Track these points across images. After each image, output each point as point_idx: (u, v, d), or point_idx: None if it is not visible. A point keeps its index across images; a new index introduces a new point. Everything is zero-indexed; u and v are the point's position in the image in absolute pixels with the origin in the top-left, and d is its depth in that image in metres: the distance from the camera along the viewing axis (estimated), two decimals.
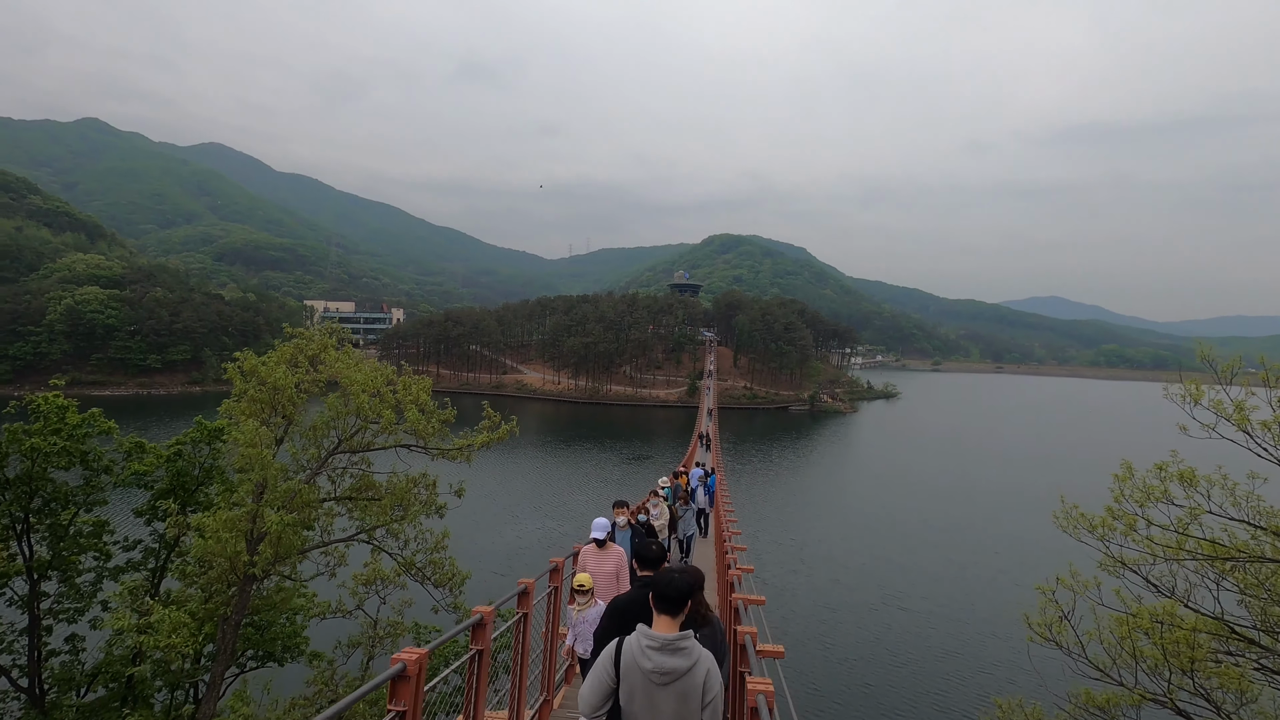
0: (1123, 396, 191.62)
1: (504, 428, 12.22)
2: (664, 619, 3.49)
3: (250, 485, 10.89)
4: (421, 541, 12.35)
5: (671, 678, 3.30)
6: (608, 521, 7.38)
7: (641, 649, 3.36)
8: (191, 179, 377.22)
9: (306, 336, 12.30)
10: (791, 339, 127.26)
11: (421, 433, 11.46)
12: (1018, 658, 23.31)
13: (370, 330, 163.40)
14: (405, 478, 11.99)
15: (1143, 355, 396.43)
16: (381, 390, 11.63)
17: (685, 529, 14.23)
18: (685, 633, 3.44)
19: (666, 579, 3.54)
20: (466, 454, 11.89)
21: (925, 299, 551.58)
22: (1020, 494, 52.94)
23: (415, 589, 13.19)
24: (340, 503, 12.06)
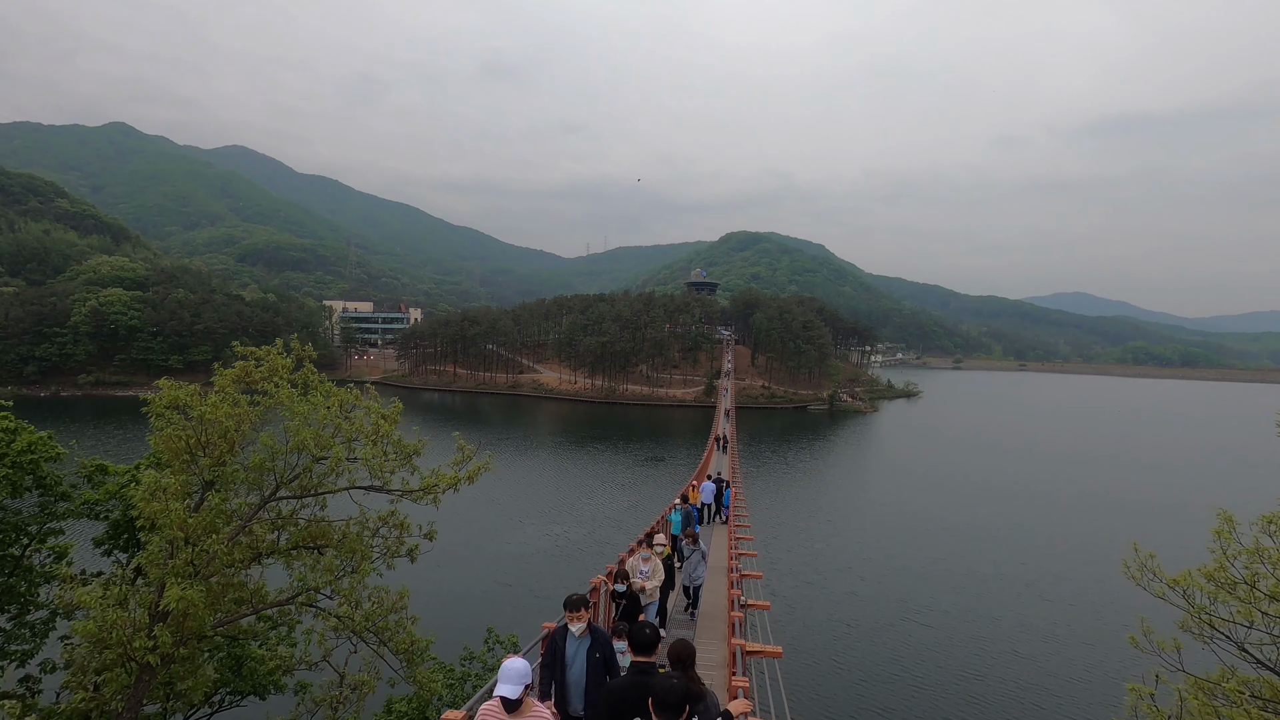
0: (1154, 396, 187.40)
1: (476, 464, 10.22)
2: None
3: (160, 545, 9.04)
4: (378, 601, 10.40)
5: None
6: (525, 668, 4.31)
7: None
8: (215, 181, 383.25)
9: (258, 357, 10.39)
10: (810, 337, 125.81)
11: (376, 471, 9.75)
12: (1046, 681, 22.34)
13: (388, 330, 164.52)
14: (360, 524, 10.26)
15: (1171, 353, 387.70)
16: (335, 422, 9.88)
17: (692, 575, 11.90)
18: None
19: (666, 687, 3.61)
20: (433, 496, 10.06)
21: (946, 296, 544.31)
22: (1049, 499, 51.56)
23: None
24: (282, 557, 10.11)
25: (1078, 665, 23.42)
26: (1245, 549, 6.96)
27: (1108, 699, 21.00)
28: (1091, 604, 29.40)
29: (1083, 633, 26.28)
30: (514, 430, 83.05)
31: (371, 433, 9.83)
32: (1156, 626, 7.65)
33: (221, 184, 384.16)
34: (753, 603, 11.86)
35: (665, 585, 10.35)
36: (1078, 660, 23.84)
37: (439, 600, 26.91)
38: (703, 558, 11.78)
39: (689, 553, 11.85)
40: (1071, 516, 45.68)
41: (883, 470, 64.71)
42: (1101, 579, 32.43)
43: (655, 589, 9.52)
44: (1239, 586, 6.96)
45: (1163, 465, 69.94)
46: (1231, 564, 6.98)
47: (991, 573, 33.40)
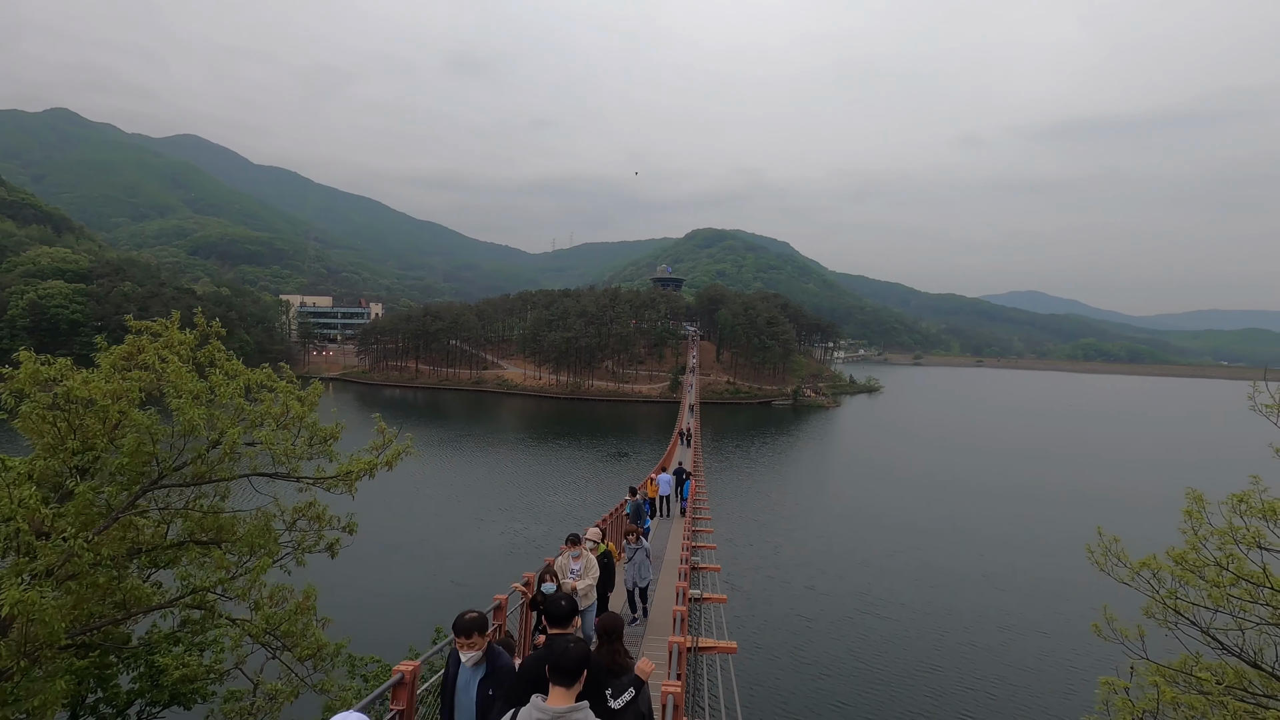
0: (1103, 391, 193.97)
1: (395, 448, 9.16)
2: (559, 691, 3.27)
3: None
4: (282, 601, 9.19)
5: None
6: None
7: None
8: (165, 171, 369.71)
9: (153, 330, 9.17)
10: (774, 333, 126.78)
11: (280, 457, 8.51)
12: (1001, 670, 22.58)
13: (348, 326, 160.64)
14: (265, 515, 9.04)
15: (1119, 349, 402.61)
16: (236, 402, 8.69)
17: (637, 574, 10.63)
18: (578, 704, 3.24)
19: (560, 649, 3.34)
20: (347, 483, 8.93)
21: (907, 293, 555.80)
22: (1005, 491, 52.68)
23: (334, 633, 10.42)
24: (168, 554, 8.88)
25: (1032, 654, 23.76)
26: (1216, 529, 6.68)
27: (1062, 687, 21.32)
28: (1046, 594, 29.94)
29: (1038, 622, 26.71)
30: (476, 427, 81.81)
31: (279, 415, 8.78)
32: (1117, 613, 7.49)
33: (173, 174, 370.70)
34: (708, 596, 11.44)
35: (603, 585, 9.40)
36: (1032, 650, 24.19)
37: (391, 601, 26.13)
38: (648, 556, 10.66)
39: (631, 551, 10.67)
40: (1026, 508, 46.70)
41: (844, 464, 65.45)
42: (1056, 569, 33.12)
43: (590, 588, 8.55)
44: (1207, 569, 6.71)
45: (1115, 458, 72.20)
46: (1204, 545, 6.73)
47: (948, 565, 33.82)
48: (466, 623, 4.64)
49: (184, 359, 9.04)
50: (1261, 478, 6.68)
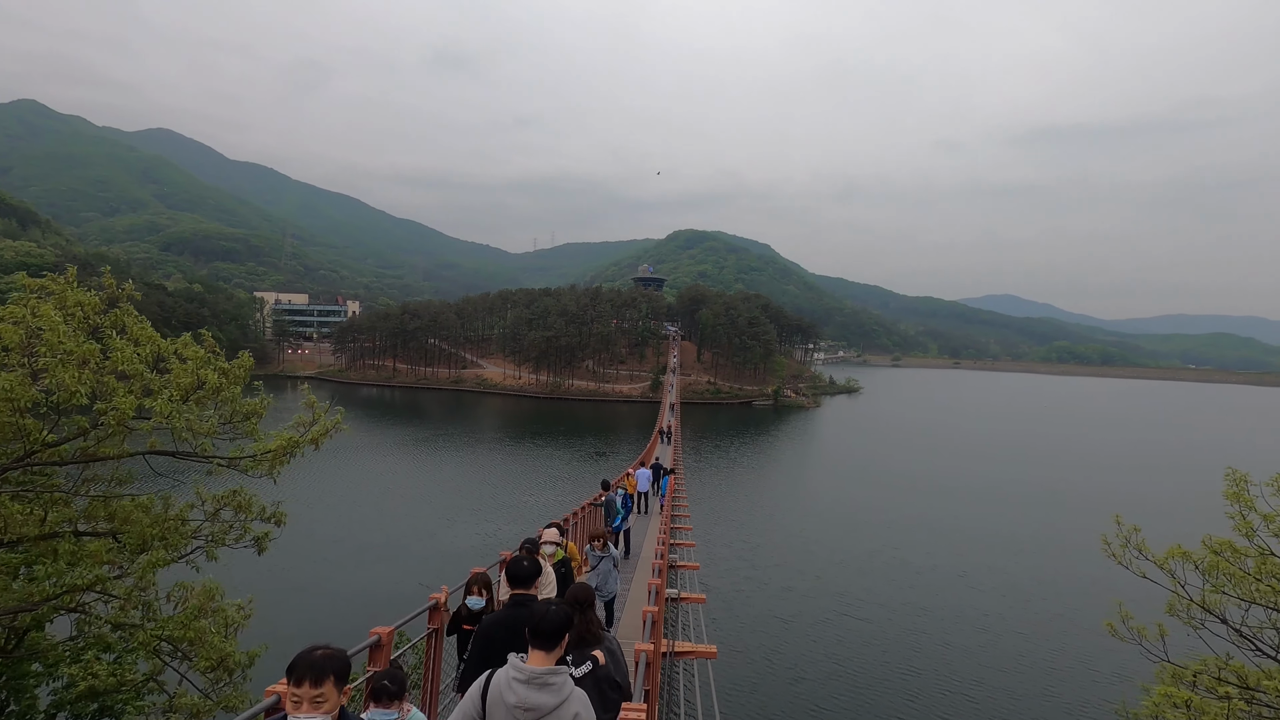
0: (1077, 392, 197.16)
1: (323, 423, 8.04)
2: (539, 653, 3.20)
3: None
4: (181, 602, 8.01)
5: (536, 715, 3.06)
6: None
7: (508, 682, 3.13)
8: (138, 165, 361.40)
9: (48, 289, 7.89)
10: (755, 333, 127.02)
11: (182, 432, 7.27)
12: (979, 672, 22.41)
13: (325, 323, 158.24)
14: (165, 502, 7.85)
15: (1091, 352, 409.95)
16: (136, 369, 7.35)
17: (604, 585, 9.17)
18: (557, 667, 3.17)
19: (542, 612, 3.25)
20: (266, 465, 7.80)
21: (886, 296, 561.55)
22: (982, 491, 53.00)
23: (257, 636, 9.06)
24: (31, 545, 7.49)
25: (1009, 655, 23.62)
26: (1266, 514, 6.00)
27: (1039, 689, 21.20)
28: (1023, 595, 29.94)
29: (1015, 623, 26.65)
30: (454, 426, 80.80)
31: (188, 387, 7.47)
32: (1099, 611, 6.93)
33: (145, 169, 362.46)
34: (686, 596, 10.90)
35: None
36: (1009, 651, 24.05)
37: (354, 605, 25.45)
38: (615, 565, 9.35)
39: (596, 560, 9.28)
40: (1002, 509, 46.99)
41: (823, 464, 65.54)
42: (1032, 570, 33.27)
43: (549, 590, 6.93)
44: (1246, 558, 6.03)
45: (1093, 460, 73.13)
46: (1256, 533, 5.99)
47: (926, 564, 33.79)
48: (312, 664, 2.68)
49: (83, 322, 7.85)
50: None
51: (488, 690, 3.21)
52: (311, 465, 52.22)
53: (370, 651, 4.74)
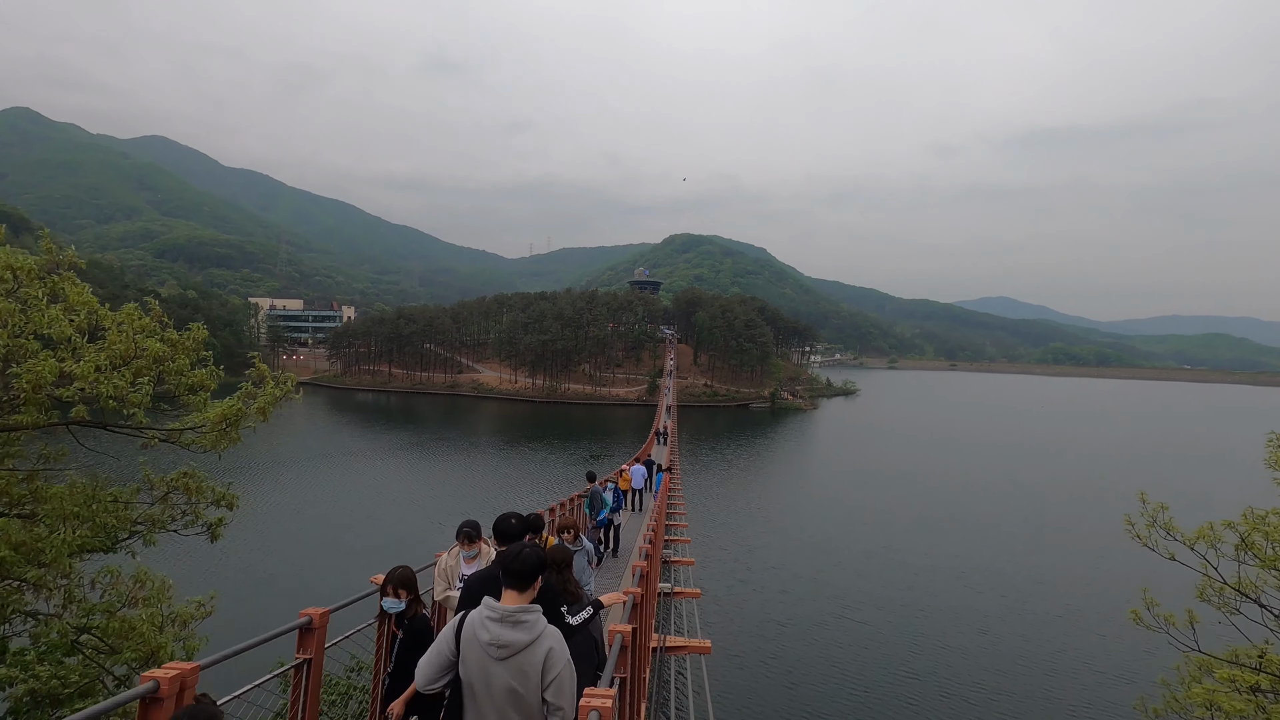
0: (1074, 392, 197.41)
1: (270, 391, 7.33)
2: (511, 593, 3.27)
3: None
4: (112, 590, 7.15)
5: (509, 651, 3.10)
6: None
7: (481, 620, 3.19)
8: (132, 173, 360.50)
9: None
10: (752, 336, 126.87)
11: (108, 399, 6.50)
12: (980, 675, 22.04)
13: (320, 329, 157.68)
14: (93, 483, 7.09)
15: (1087, 353, 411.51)
16: (64, 332, 6.65)
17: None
18: (529, 606, 3.23)
19: (516, 552, 3.34)
20: (209, 439, 7.06)
21: (882, 299, 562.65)
22: (981, 490, 52.79)
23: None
24: None
25: (1010, 657, 23.27)
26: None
27: (1040, 692, 20.85)
28: (1023, 594, 29.58)
29: (1015, 623, 26.30)
30: (450, 430, 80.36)
31: (124, 354, 6.77)
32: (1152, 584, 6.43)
33: (139, 176, 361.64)
34: (680, 590, 10.54)
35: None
36: (1010, 653, 23.68)
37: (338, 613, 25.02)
38: (590, 560, 8.57)
39: None
40: (1002, 509, 46.75)
41: (820, 466, 65.29)
42: (1032, 569, 33.00)
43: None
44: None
45: (1091, 456, 72.98)
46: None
47: (924, 565, 33.43)
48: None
49: (12, 285, 7.13)
50: None
51: (461, 629, 3.24)
52: (306, 470, 51.85)
53: (300, 634, 4.31)
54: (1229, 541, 5.75)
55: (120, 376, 6.66)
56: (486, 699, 3.12)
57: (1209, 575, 5.89)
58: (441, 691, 3.29)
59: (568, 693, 3.10)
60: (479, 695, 3.14)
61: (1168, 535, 6.10)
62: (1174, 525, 6.08)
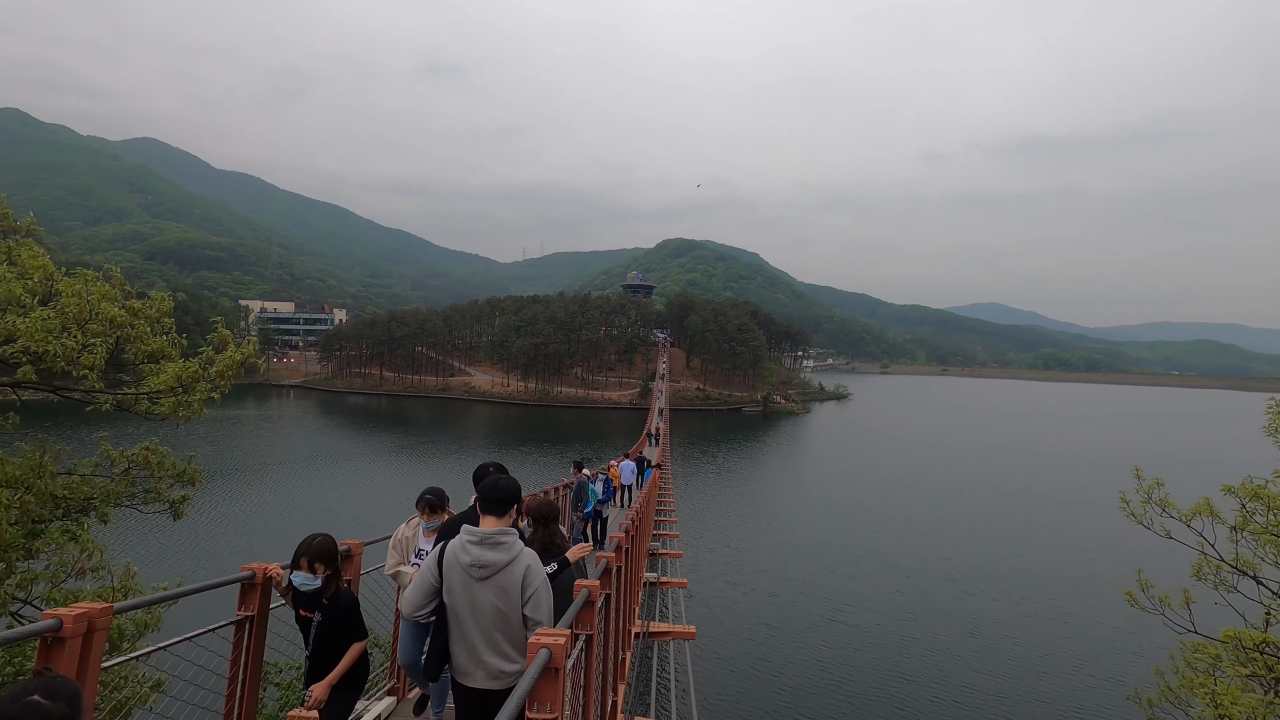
0: (1064, 398, 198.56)
1: (231, 354, 6.88)
2: (490, 519, 3.44)
3: None
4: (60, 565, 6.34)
5: (489, 571, 3.27)
6: None
7: (462, 545, 3.36)
8: (122, 175, 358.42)
9: None
10: (744, 340, 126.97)
11: (57, 360, 6.07)
12: (972, 677, 21.93)
13: (311, 332, 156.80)
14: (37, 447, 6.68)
15: (1077, 359, 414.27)
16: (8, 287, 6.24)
17: None
18: (507, 529, 3.38)
19: (492, 481, 3.51)
20: (167, 406, 6.58)
21: (874, 304, 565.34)
22: (971, 493, 52.85)
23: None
24: None
25: (1002, 659, 23.16)
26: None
27: (1032, 694, 20.76)
28: (1014, 597, 29.53)
29: (1007, 626, 26.21)
30: (441, 433, 79.93)
31: (78, 317, 6.36)
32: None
33: (130, 178, 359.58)
34: (667, 580, 10.44)
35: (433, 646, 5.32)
36: (1002, 655, 23.56)
37: None
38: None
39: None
40: (992, 512, 46.79)
41: (812, 469, 65.25)
42: (1020, 571, 32.96)
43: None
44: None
45: (1082, 459, 73.26)
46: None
47: (915, 568, 33.34)
48: None
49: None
50: None
51: (443, 556, 3.39)
52: (293, 472, 51.41)
53: (242, 589, 4.06)
54: (1227, 520, 5.58)
55: (71, 337, 6.24)
56: (471, 621, 3.26)
57: (1205, 553, 5.72)
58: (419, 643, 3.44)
59: (545, 608, 3.25)
60: (464, 619, 3.28)
61: (1163, 512, 5.94)
62: (1169, 501, 5.96)
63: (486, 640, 3.25)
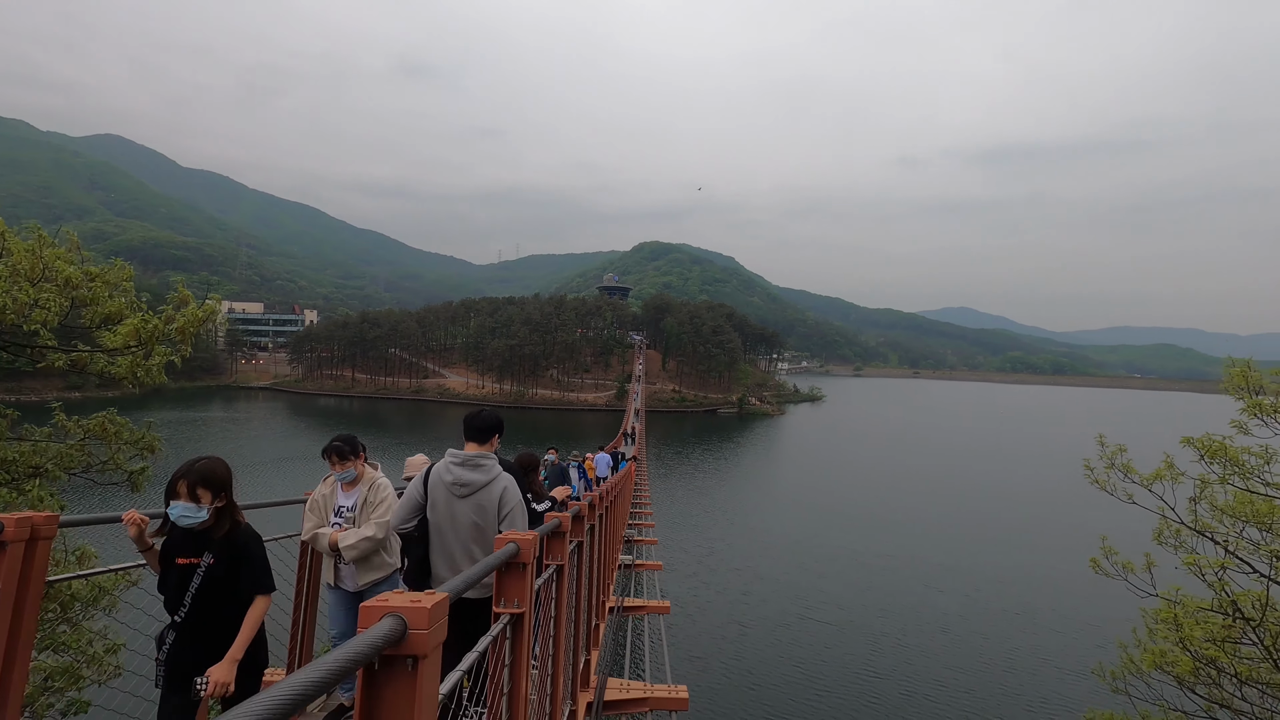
0: (1031, 400, 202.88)
1: (193, 310, 6.48)
2: (472, 445, 3.83)
3: None
4: None
5: (469, 490, 3.59)
6: None
7: (446, 466, 3.73)
8: (84, 171, 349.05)
9: None
10: (720, 342, 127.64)
11: (6, 313, 5.85)
12: (942, 672, 22.21)
13: (280, 333, 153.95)
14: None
15: (1043, 362, 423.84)
16: None
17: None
18: (487, 453, 3.76)
19: (476, 411, 3.98)
20: (124, 366, 6.25)
21: (847, 308, 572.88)
22: (939, 491, 53.64)
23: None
24: None
25: (969, 654, 23.44)
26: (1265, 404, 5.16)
27: (998, 688, 21.07)
28: (983, 594, 29.91)
29: (974, 622, 26.58)
30: (413, 435, 78.96)
31: (30, 273, 5.97)
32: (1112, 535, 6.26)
33: (92, 175, 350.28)
34: (642, 563, 10.49)
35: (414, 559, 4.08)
36: (969, 650, 23.86)
37: None
38: None
39: None
40: (959, 510, 47.56)
41: (786, 469, 65.77)
42: (988, 567, 33.50)
43: (371, 544, 4.35)
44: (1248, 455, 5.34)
45: (1045, 459, 74.81)
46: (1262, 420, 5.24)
47: (886, 566, 33.65)
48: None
49: None
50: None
51: (429, 476, 3.76)
52: (259, 475, 50.40)
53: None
54: (1188, 481, 5.73)
55: (22, 291, 5.95)
56: (452, 535, 3.55)
57: (1166, 516, 5.80)
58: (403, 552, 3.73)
59: (520, 526, 3.51)
60: (445, 533, 3.57)
61: (1125, 477, 6.06)
62: (1132, 467, 6.16)
63: (465, 552, 3.50)
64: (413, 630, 1.21)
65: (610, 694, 5.33)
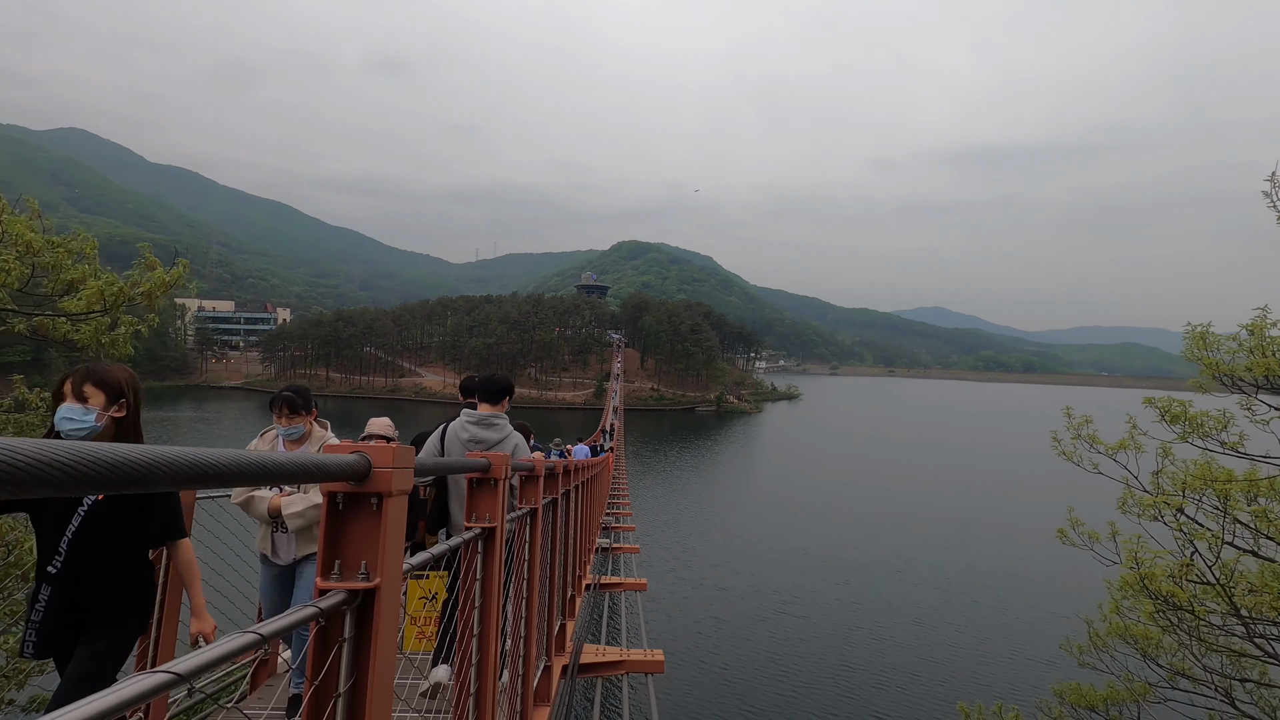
0: (1002, 397, 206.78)
1: (159, 275, 6.27)
2: (485, 406, 4.16)
3: None
4: None
5: (484, 446, 3.92)
6: None
7: (462, 424, 4.10)
8: (46, 166, 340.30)
9: None
10: (698, 341, 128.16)
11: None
12: (916, 664, 22.51)
13: (252, 331, 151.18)
14: None
15: (1014, 361, 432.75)
16: None
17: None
18: (500, 413, 4.10)
19: (488, 376, 4.30)
20: (88, 333, 6.03)
21: (824, 308, 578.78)
22: (913, 486, 54.41)
23: None
24: None
25: (942, 645, 23.76)
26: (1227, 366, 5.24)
27: (972, 677, 21.41)
28: (956, 586, 30.35)
29: (948, 614, 26.95)
30: None
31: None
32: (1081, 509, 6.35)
33: (55, 170, 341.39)
34: (618, 547, 10.59)
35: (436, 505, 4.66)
36: (942, 641, 24.18)
37: None
38: None
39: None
40: (932, 503, 48.29)
41: (763, 466, 66.27)
42: (960, 560, 34.04)
43: (315, 511, 3.90)
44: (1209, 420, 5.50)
45: (1017, 456, 76.27)
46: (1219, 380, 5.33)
47: (861, 559, 33.99)
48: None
49: None
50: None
51: (445, 433, 4.14)
52: None
53: None
54: (1150, 450, 5.93)
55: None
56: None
57: (1130, 486, 5.93)
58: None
59: None
60: (461, 482, 3.67)
61: (1091, 447, 6.23)
62: (1096, 438, 6.37)
63: None
64: (377, 468, 1.20)
65: (586, 657, 5.37)
